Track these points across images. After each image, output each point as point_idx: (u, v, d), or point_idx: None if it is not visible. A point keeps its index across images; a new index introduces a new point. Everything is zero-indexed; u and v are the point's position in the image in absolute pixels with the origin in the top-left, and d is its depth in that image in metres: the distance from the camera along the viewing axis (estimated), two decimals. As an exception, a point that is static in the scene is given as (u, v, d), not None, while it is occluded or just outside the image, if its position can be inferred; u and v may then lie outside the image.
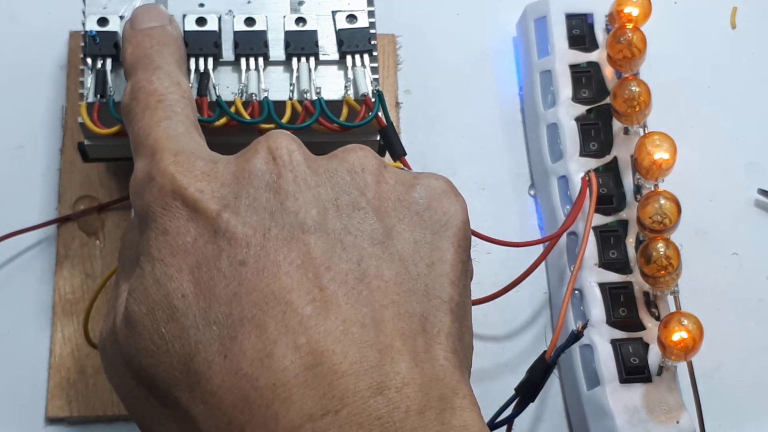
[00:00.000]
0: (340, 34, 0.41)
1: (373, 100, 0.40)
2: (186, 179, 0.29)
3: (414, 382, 0.26)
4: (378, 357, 0.26)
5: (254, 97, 0.39)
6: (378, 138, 0.41)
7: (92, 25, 0.40)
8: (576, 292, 0.44)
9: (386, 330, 0.27)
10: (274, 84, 0.40)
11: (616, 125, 0.46)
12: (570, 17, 0.48)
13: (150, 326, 0.28)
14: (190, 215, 0.29)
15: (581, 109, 0.47)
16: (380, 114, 0.40)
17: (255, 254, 0.28)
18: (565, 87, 0.47)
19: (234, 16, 0.41)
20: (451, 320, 0.29)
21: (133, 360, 0.29)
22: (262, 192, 0.29)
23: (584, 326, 0.38)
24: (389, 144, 0.40)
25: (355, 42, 0.41)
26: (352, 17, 0.41)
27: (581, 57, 0.48)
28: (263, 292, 0.27)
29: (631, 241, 0.44)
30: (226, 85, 0.40)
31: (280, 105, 0.39)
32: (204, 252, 0.28)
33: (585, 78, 0.47)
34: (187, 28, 0.40)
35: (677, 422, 0.41)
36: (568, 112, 0.47)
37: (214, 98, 0.39)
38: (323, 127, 0.39)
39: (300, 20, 0.41)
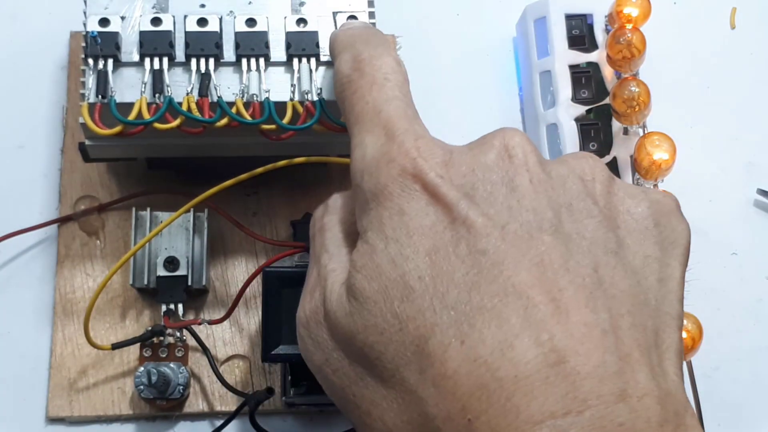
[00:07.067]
0: (340, 34, 0.41)
1: (373, 100, 0.40)
2: (428, 164, 0.29)
3: (652, 394, 0.26)
4: (619, 364, 0.26)
5: (255, 98, 0.39)
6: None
7: (93, 26, 0.40)
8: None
9: (624, 338, 0.27)
10: (275, 85, 0.40)
11: (616, 125, 0.46)
12: (569, 18, 0.48)
13: (382, 304, 0.28)
14: (429, 200, 0.29)
15: (581, 109, 0.47)
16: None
17: (495, 246, 0.27)
18: (564, 87, 0.47)
19: (235, 17, 0.41)
20: (678, 337, 0.29)
21: (357, 337, 0.28)
22: (498, 187, 0.29)
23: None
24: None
25: (355, 42, 0.41)
26: (353, 18, 0.41)
27: (581, 57, 0.48)
28: (504, 285, 0.27)
29: (630, 241, 0.44)
30: (227, 85, 0.40)
31: (281, 106, 0.39)
32: (442, 237, 0.28)
33: (584, 78, 0.47)
34: (188, 29, 0.40)
35: (677, 422, 0.41)
36: (567, 113, 0.47)
37: (215, 99, 0.39)
38: (324, 127, 0.39)
39: (301, 21, 0.41)
